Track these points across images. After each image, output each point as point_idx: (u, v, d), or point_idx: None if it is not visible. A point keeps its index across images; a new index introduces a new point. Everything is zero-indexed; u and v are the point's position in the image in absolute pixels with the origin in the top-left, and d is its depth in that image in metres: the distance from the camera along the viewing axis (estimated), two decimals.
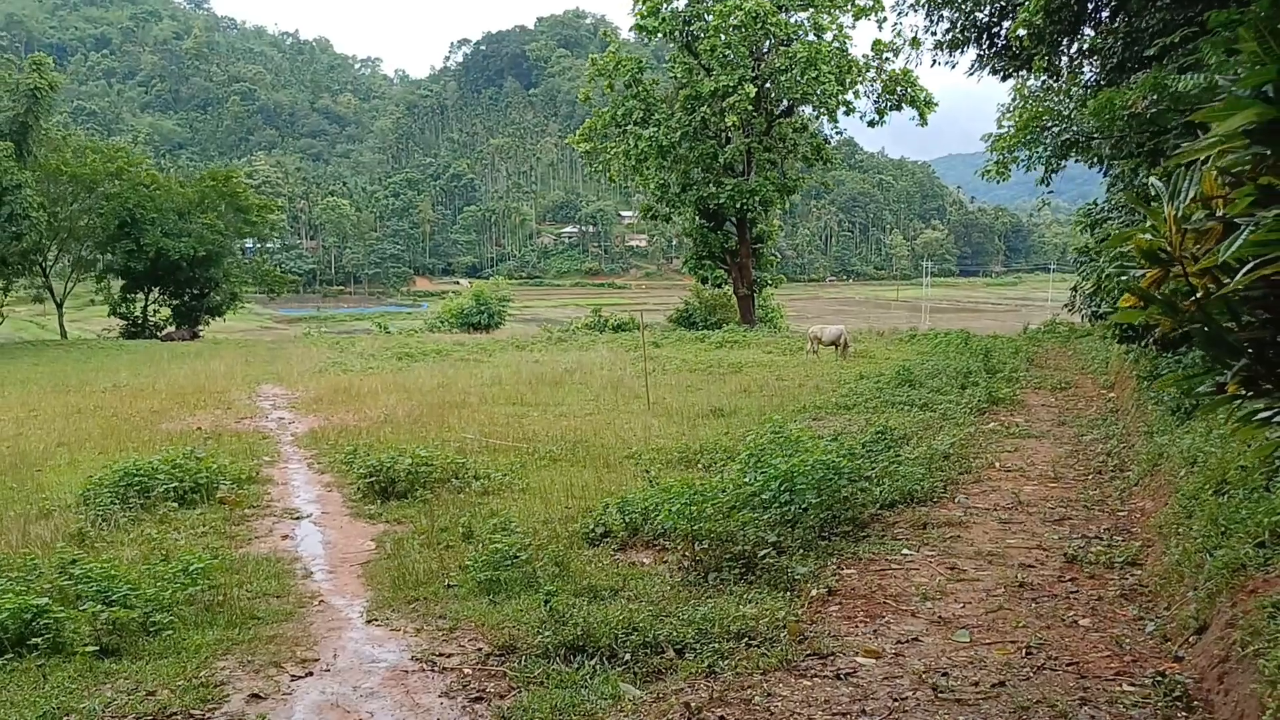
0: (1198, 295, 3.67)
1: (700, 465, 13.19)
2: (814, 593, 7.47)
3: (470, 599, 7.55)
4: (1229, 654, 5.10)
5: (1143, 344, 14.13)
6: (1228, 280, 3.13)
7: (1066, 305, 22.72)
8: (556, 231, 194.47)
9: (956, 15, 18.53)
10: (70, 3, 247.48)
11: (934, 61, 25.77)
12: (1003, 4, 18.01)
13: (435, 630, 6.96)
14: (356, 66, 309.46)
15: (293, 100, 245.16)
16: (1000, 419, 15.93)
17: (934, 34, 19.23)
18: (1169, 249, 3.84)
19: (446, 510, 10.65)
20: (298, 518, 10.78)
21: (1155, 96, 7.45)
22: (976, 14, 18.55)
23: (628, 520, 9.59)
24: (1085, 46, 15.41)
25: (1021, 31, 14.87)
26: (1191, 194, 3.83)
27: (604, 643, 6.34)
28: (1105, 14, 14.04)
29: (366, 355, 30.49)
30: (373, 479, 11.31)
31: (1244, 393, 3.21)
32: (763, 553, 8.13)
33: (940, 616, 6.85)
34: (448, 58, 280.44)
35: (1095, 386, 19.81)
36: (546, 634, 6.47)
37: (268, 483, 12.53)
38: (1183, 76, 8.45)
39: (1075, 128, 8.37)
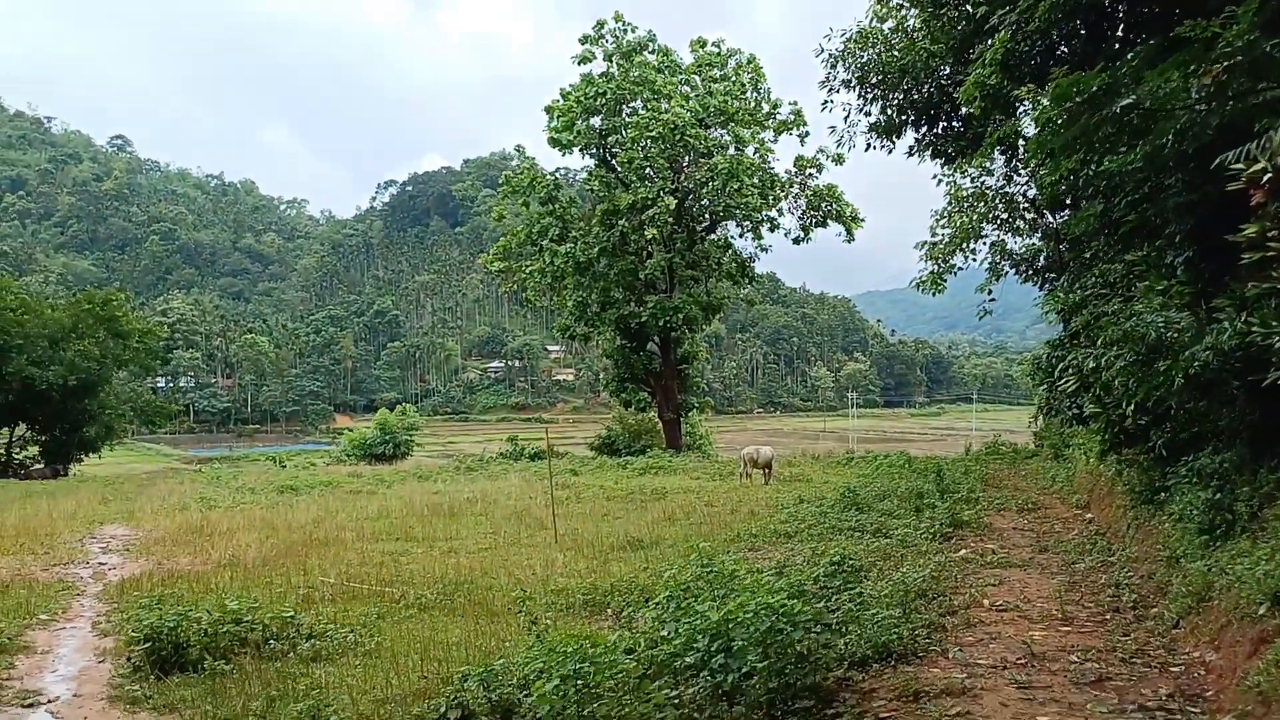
0: None
1: (610, 610, 10.49)
2: None
3: None
4: None
5: (1140, 450, 11.78)
6: None
7: (1034, 417, 20.60)
8: (482, 366, 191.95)
9: (892, 95, 16.74)
10: None
11: (868, 145, 24.87)
12: (944, 82, 16.25)
13: None
14: (282, 207, 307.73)
15: (214, 239, 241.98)
16: (970, 545, 13.42)
17: (868, 114, 17.40)
18: None
19: (248, 687, 7.66)
20: (31, 704, 7.62)
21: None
22: (914, 95, 16.79)
23: (496, 698, 6.76)
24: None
25: (975, 96, 12.88)
26: None
27: None
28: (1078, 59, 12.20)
29: (245, 489, 27.09)
30: (151, 645, 8.19)
31: None
32: None
33: None
34: (374, 198, 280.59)
35: (1066, 507, 17.49)
36: None
37: (23, 651, 9.30)
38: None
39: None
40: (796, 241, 38.99)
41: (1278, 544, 7.38)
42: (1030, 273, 27.58)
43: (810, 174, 38.24)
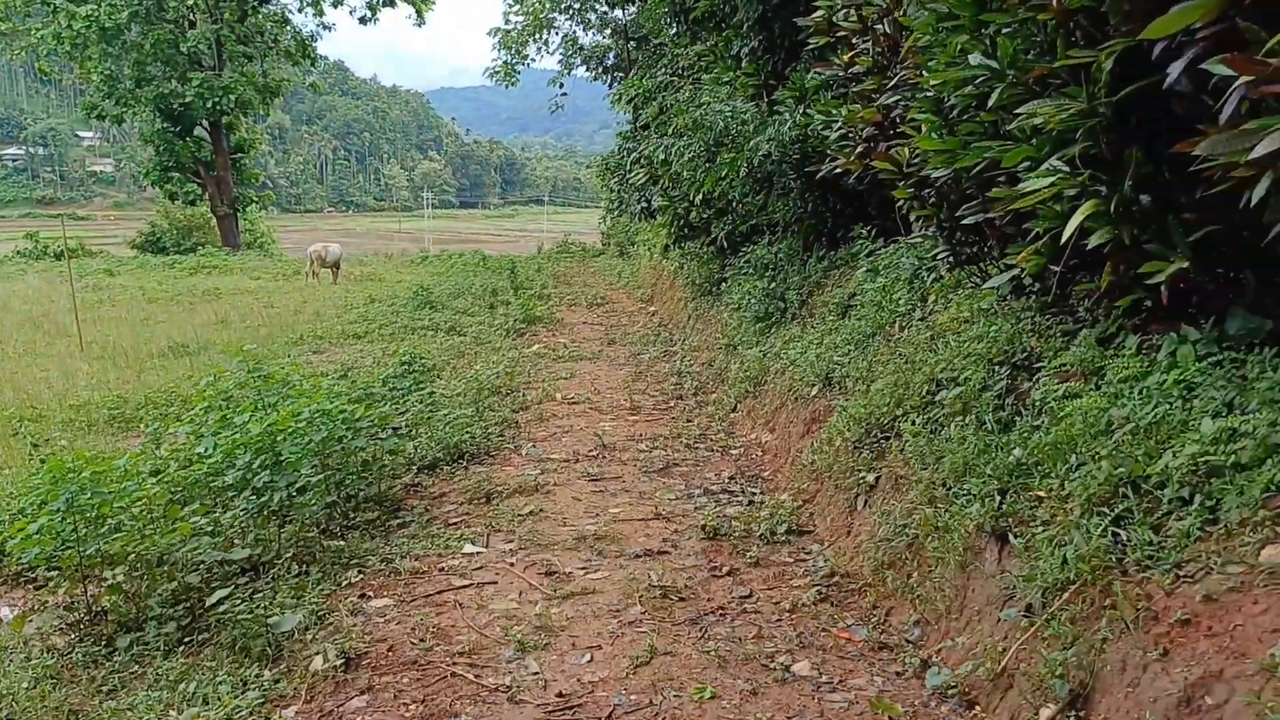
0: None
1: (142, 428, 9.11)
2: (318, 666, 3.99)
3: None
4: None
5: (703, 243, 12.15)
6: None
7: (602, 218, 21.03)
8: None
9: None
10: None
11: None
12: None
13: None
14: None
15: None
16: (542, 340, 13.46)
17: None
18: None
19: None
20: None
21: None
22: None
23: None
24: None
25: None
26: None
27: None
28: None
29: None
30: None
31: None
32: (222, 594, 4.49)
33: (560, 692, 3.71)
34: None
35: (632, 301, 18.21)
36: None
37: None
38: None
39: None
40: (364, 21, 36.08)
41: (826, 329, 7.77)
42: (600, 70, 27.78)
43: None
